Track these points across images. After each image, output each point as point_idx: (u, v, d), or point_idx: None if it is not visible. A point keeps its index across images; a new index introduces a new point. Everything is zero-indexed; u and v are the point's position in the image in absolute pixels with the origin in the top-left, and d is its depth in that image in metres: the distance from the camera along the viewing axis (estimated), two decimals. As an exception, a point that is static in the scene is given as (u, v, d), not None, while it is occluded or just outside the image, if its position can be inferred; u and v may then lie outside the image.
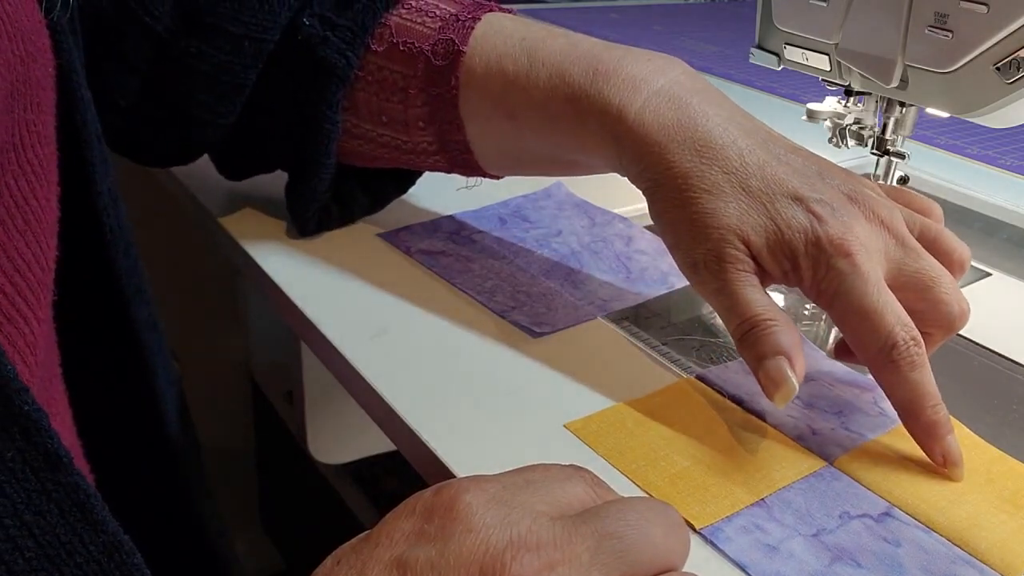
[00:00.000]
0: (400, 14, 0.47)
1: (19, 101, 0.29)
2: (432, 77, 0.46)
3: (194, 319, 1.01)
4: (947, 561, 0.32)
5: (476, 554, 0.24)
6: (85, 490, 0.25)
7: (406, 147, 0.49)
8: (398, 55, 0.46)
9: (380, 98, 0.47)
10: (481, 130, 0.46)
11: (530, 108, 0.44)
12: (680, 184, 0.39)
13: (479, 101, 0.45)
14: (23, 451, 0.24)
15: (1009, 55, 0.44)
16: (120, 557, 0.25)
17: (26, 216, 0.29)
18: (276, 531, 1.13)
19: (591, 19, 1.20)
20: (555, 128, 0.43)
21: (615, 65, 0.42)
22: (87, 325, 0.41)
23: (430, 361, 0.42)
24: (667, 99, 0.40)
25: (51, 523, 0.24)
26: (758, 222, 0.38)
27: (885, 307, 0.36)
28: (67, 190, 0.34)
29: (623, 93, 0.41)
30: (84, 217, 0.40)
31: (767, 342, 0.36)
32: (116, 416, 0.44)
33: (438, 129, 0.47)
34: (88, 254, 0.41)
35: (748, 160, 0.39)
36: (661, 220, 0.40)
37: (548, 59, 0.43)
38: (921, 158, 0.73)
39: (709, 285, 0.38)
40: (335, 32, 0.46)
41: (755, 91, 0.92)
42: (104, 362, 0.44)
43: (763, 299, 0.37)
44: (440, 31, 0.46)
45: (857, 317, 0.36)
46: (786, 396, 0.36)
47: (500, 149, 0.47)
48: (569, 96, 0.42)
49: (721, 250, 0.38)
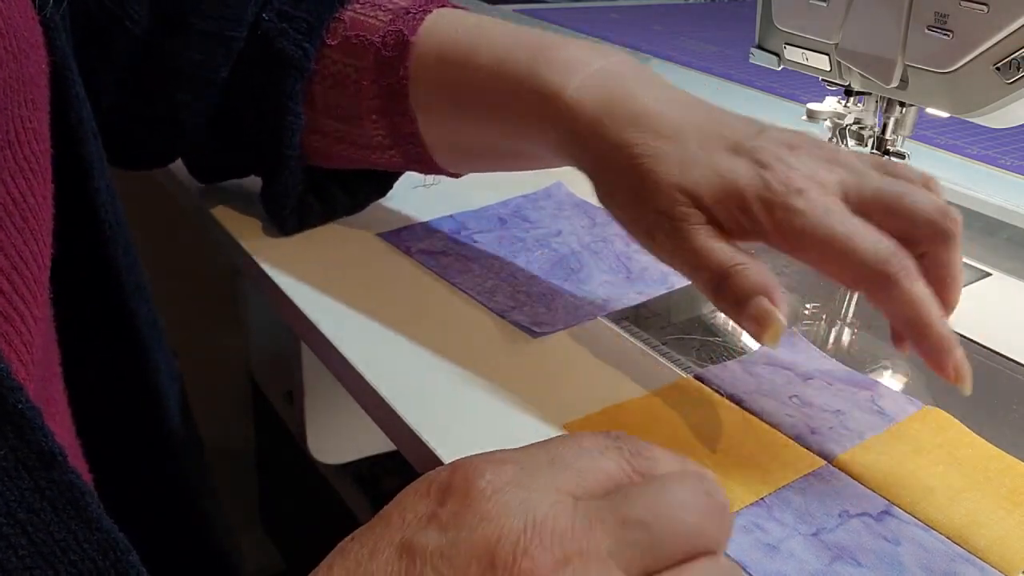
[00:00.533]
0: (354, 8, 0.48)
1: (13, 98, 0.29)
2: (382, 68, 0.46)
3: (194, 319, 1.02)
4: (946, 559, 0.32)
5: (489, 542, 0.23)
6: (80, 488, 0.24)
7: (361, 142, 0.49)
8: (350, 48, 0.47)
9: (335, 92, 0.48)
10: (431, 121, 0.47)
11: (473, 94, 0.44)
12: (618, 155, 0.38)
13: (428, 91, 0.46)
14: (16, 449, 0.24)
15: (1009, 55, 0.44)
16: (115, 555, 0.25)
17: (24, 214, 0.29)
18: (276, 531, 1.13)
19: (591, 19, 1.20)
20: (498, 114, 0.44)
21: (554, 52, 0.42)
22: (87, 323, 0.41)
23: (430, 361, 0.42)
24: (603, 78, 0.40)
25: (45, 521, 0.24)
26: (702, 175, 0.36)
27: (855, 229, 0.34)
28: (64, 187, 0.34)
29: (561, 74, 0.41)
30: (82, 214, 0.40)
31: (741, 285, 0.35)
32: (118, 413, 0.44)
33: (390, 122, 0.47)
34: (87, 251, 0.41)
35: (685, 123, 0.38)
36: (608, 199, 0.40)
37: (491, 45, 0.44)
38: (921, 158, 0.72)
39: (667, 247, 0.37)
40: (291, 24, 0.47)
41: (755, 91, 0.92)
42: (105, 359, 0.44)
43: (725, 247, 0.36)
44: (390, 23, 0.46)
45: (831, 249, 0.34)
46: (775, 334, 0.34)
47: (449, 140, 0.48)
48: (510, 80, 0.42)
49: (671, 210, 0.37)
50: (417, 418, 0.38)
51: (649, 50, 1.04)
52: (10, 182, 0.29)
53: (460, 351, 0.43)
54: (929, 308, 0.34)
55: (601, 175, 0.40)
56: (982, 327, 0.47)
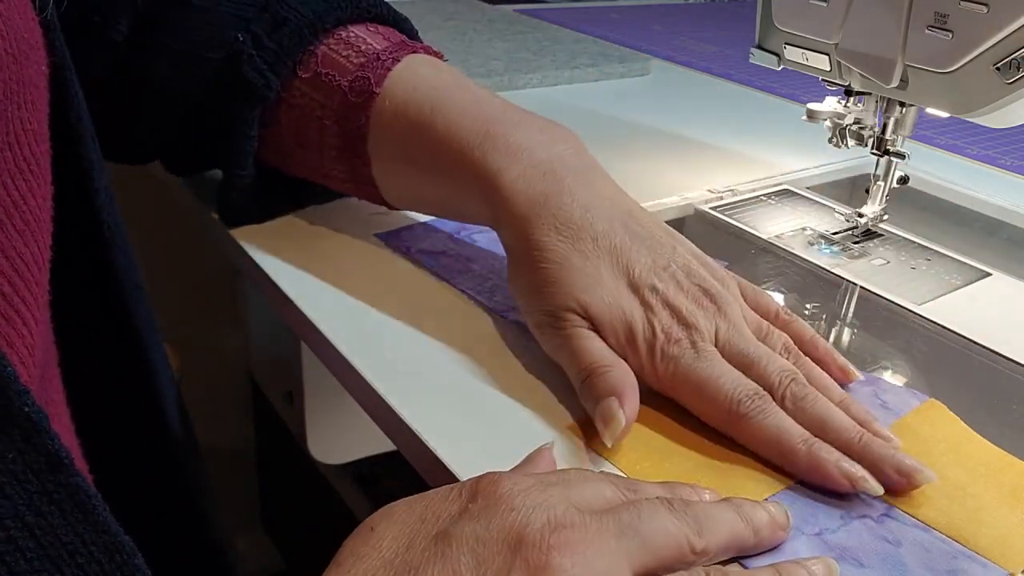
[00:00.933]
0: (329, 44, 0.48)
1: (13, 100, 0.29)
2: (346, 112, 0.47)
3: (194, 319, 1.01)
4: (948, 557, 0.32)
5: (516, 528, 0.27)
6: (86, 491, 0.24)
7: (320, 171, 0.50)
8: (320, 85, 0.48)
9: (300, 122, 0.49)
10: (385, 169, 0.48)
11: (425, 156, 0.46)
12: (534, 254, 0.41)
13: (384, 142, 0.47)
14: (24, 452, 0.24)
15: (1009, 55, 0.44)
16: (122, 558, 0.25)
17: (24, 216, 0.29)
18: (276, 531, 1.13)
19: (591, 19, 1.20)
20: (444, 180, 0.45)
21: (504, 130, 0.44)
22: (86, 323, 0.41)
23: (430, 361, 0.42)
24: (542, 172, 0.42)
25: (52, 524, 0.24)
26: (602, 300, 0.39)
27: (721, 374, 0.37)
28: (64, 189, 0.34)
29: (503, 160, 0.43)
30: (82, 215, 0.40)
31: (599, 385, 0.37)
32: (117, 414, 0.44)
33: (348, 161, 0.48)
34: (87, 252, 0.41)
35: (601, 244, 0.41)
36: (514, 284, 0.43)
37: (448, 112, 0.45)
38: (921, 158, 0.73)
39: (551, 342, 0.40)
40: (260, 52, 0.48)
41: (755, 91, 0.92)
42: (104, 360, 0.44)
43: (600, 348, 0.39)
44: (360, 68, 0.47)
45: (696, 389, 0.38)
46: (613, 433, 0.36)
47: (400, 188, 0.49)
48: (457, 152, 0.44)
49: (559, 312, 0.40)
50: (417, 418, 0.38)
51: (649, 50, 1.04)
52: (10, 184, 0.29)
53: (460, 351, 0.43)
54: (787, 439, 0.35)
55: (514, 263, 0.42)
56: (982, 327, 0.47)
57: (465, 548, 0.27)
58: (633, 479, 0.34)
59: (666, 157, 0.70)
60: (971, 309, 0.50)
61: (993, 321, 0.48)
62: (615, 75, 0.92)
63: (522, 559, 0.26)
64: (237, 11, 0.49)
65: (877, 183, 0.56)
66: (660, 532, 0.29)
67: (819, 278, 0.53)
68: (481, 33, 1.00)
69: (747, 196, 0.63)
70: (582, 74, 0.90)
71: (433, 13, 1.09)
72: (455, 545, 0.27)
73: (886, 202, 0.57)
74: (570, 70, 0.89)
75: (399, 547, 0.27)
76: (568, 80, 0.89)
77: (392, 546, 0.27)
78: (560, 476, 0.31)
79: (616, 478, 0.32)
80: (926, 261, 0.55)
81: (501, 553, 0.27)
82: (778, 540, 0.32)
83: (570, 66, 0.90)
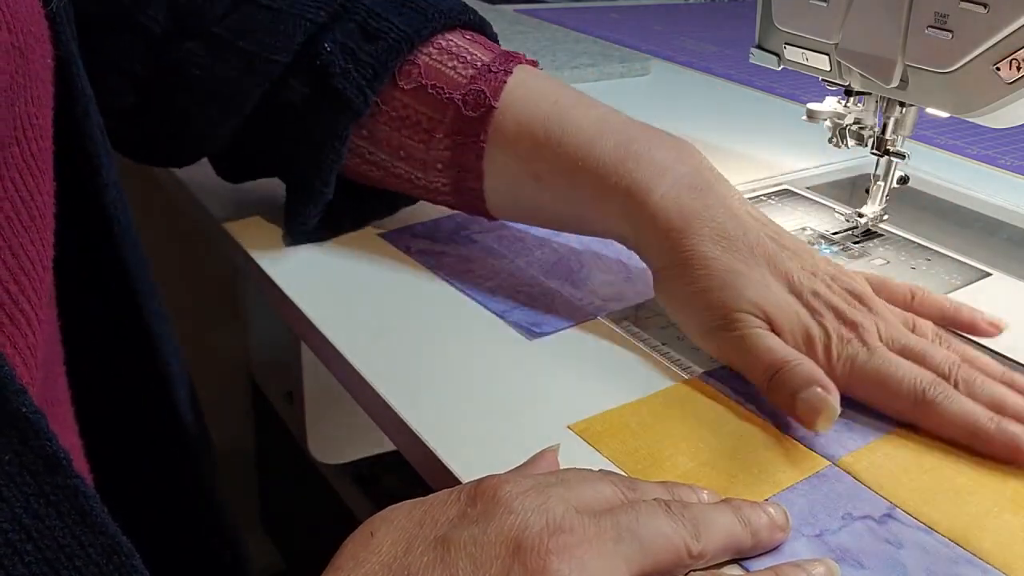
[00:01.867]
0: (430, 54, 0.47)
1: (20, 94, 0.29)
2: (460, 126, 0.46)
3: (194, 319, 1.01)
4: (948, 562, 0.32)
5: (515, 531, 0.27)
6: (84, 493, 0.24)
7: (419, 183, 0.49)
8: (426, 97, 0.47)
9: (402, 134, 0.48)
10: (501, 184, 0.47)
11: (556, 174, 0.45)
12: (698, 265, 0.41)
13: (505, 157, 0.46)
14: (20, 454, 0.23)
15: (1009, 55, 0.44)
16: (120, 559, 0.25)
17: (31, 212, 0.29)
18: (276, 531, 1.13)
19: (591, 19, 1.20)
20: (578, 196, 0.45)
21: (645, 148, 0.44)
22: (98, 320, 0.41)
23: (430, 361, 0.42)
24: (688, 187, 0.43)
25: (50, 527, 0.23)
26: (776, 303, 0.41)
27: (898, 367, 0.39)
28: (72, 184, 0.33)
29: (650, 176, 0.43)
30: (91, 211, 0.39)
31: (795, 378, 0.38)
32: (130, 412, 0.44)
33: (456, 175, 0.47)
34: (96, 248, 0.40)
35: (756, 252, 0.42)
36: (676, 296, 0.43)
37: (580, 129, 0.45)
38: (921, 158, 0.73)
39: (726, 344, 0.41)
40: (357, 67, 0.46)
41: (755, 91, 0.92)
42: (117, 356, 0.43)
43: (783, 344, 0.40)
44: (472, 80, 0.46)
45: (878, 384, 0.39)
46: (828, 419, 0.37)
47: (517, 203, 0.48)
48: (597, 169, 0.44)
49: (734, 315, 0.41)
50: (417, 418, 0.38)
51: (649, 50, 1.04)
52: (19, 180, 0.28)
53: (460, 351, 0.43)
54: (975, 420, 0.37)
55: (674, 276, 0.43)
56: (982, 327, 0.47)
57: (463, 552, 0.27)
58: (633, 478, 0.34)
59: (666, 157, 0.69)
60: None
61: (993, 321, 0.48)
62: (615, 75, 0.92)
63: (520, 563, 0.26)
64: (303, 12, 0.47)
65: (877, 183, 0.56)
66: (658, 535, 0.29)
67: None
68: (481, 33, 1.00)
69: (747, 196, 0.63)
70: (582, 74, 0.90)
71: (433, 13, 1.08)
72: (453, 550, 0.27)
73: (886, 202, 0.57)
74: (570, 70, 0.89)
75: (398, 551, 0.27)
76: (568, 80, 0.89)
77: (391, 550, 0.27)
78: (559, 476, 0.31)
79: (616, 476, 0.32)
80: (926, 261, 0.55)
81: (500, 557, 0.27)
82: (777, 541, 0.32)
83: (570, 66, 0.90)
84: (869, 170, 0.57)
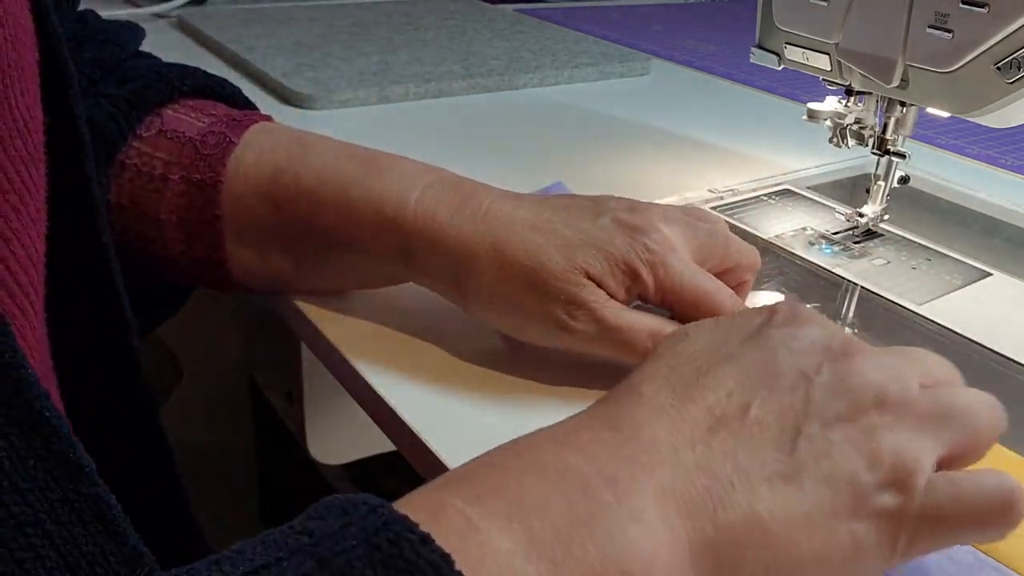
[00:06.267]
0: (175, 108, 0.46)
1: (14, 87, 0.28)
2: (197, 164, 0.44)
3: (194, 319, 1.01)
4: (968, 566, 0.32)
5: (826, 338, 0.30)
6: (107, 501, 0.24)
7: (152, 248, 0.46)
8: (164, 143, 0.45)
9: (135, 184, 0.45)
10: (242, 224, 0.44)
11: (299, 195, 0.42)
12: (493, 256, 0.38)
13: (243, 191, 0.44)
14: (45, 459, 0.23)
15: (1009, 55, 0.44)
16: (142, 571, 0.24)
17: (38, 206, 0.29)
18: (276, 531, 1.13)
19: (591, 19, 1.20)
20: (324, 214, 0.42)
21: (389, 163, 0.42)
22: (79, 324, 0.41)
23: (430, 361, 0.42)
24: (441, 186, 0.41)
25: (73, 534, 0.23)
26: (588, 254, 0.38)
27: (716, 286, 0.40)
28: (64, 175, 0.33)
29: (400, 185, 0.41)
30: (78, 201, 0.39)
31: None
32: (111, 410, 0.44)
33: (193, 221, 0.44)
34: (81, 239, 0.39)
35: (543, 212, 0.39)
36: (488, 303, 0.39)
37: (322, 153, 0.43)
38: (921, 158, 0.73)
39: (587, 333, 0.38)
40: (107, 99, 0.45)
41: (755, 91, 0.92)
42: (98, 362, 0.43)
43: (637, 315, 0.39)
44: (211, 125, 0.45)
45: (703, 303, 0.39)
46: None
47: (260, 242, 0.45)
48: (342, 185, 0.41)
49: (576, 294, 0.38)
50: (417, 418, 0.38)
51: (649, 50, 1.04)
52: (25, 172, 0.28)
53: (460, 351, 0.43)
54: None
55: (471, 282, 0.39)
56: (982, 327, 0.47)
57: (776, 341, 0.30)
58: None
59: (666, 157, 0.70)
60: (971, 309, 0.50)
61: (993, 321, 0.48)
62: (615, 75, 0.92)
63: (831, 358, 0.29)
64: None
65: (877, 183, 0.56)
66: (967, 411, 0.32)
67: (819, 278, 0.53)
68: (481, 33, 1.00)
69: (747, 196, 0.63)
70: (582, 74, 0.90)
71: (433, 13, 1.09)
72: (766, 340, 0.30)
73: (886, 202, 0.57)
74: (570, 70, 0.89)
75: (716, 340, 0.30)
76: (568, 80, 0.89)
77: (709, 337, 0.30)
78: None
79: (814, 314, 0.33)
80: (926, 261, 0.55)
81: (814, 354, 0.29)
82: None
83: (570, 66, 0.90)
84: (869, 170, 0.57)
